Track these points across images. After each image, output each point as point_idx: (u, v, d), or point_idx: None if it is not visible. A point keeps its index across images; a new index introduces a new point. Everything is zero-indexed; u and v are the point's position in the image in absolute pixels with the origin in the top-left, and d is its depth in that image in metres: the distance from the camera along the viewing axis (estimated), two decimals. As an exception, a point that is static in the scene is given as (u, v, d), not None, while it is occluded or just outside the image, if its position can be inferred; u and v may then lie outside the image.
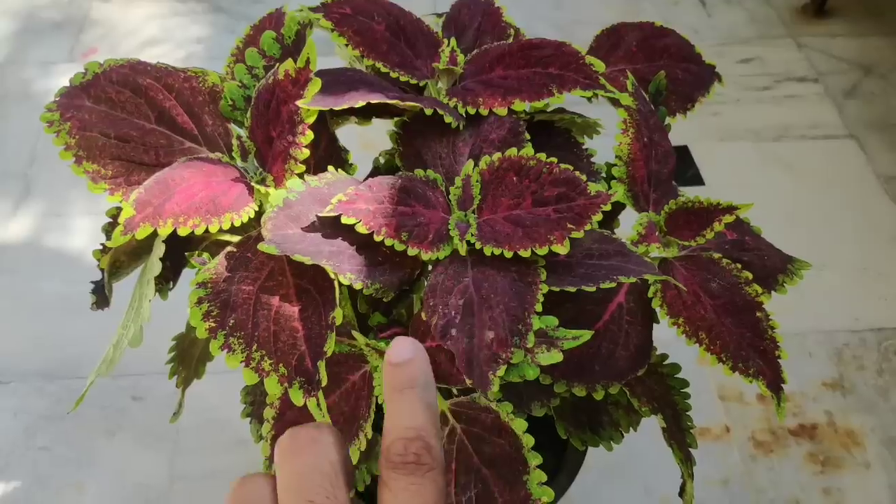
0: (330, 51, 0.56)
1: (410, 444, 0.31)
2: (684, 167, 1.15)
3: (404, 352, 0.34)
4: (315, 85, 0.40)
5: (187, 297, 0.54)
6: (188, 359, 0.58)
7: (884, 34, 1.38)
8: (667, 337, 0.52)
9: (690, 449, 0.53)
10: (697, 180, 1.14)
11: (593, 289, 0.41)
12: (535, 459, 0.41)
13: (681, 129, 0.53)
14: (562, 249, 0.40)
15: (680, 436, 0.52)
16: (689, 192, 0.53)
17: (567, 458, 0.64)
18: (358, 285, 0.40)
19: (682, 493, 0.53)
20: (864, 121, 1.23)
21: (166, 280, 0.48)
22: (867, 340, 0.98)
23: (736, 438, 0.88)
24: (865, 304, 1.01)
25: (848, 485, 0.85)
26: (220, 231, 0.42)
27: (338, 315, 0.39)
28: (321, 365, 0.38)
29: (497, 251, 0.41)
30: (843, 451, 0.88)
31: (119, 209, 0.48)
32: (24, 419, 0.90)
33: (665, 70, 0.55)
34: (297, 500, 0.31)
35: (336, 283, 0.39)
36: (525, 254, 0.40)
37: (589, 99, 0.56)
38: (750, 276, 0.49)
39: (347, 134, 0.55)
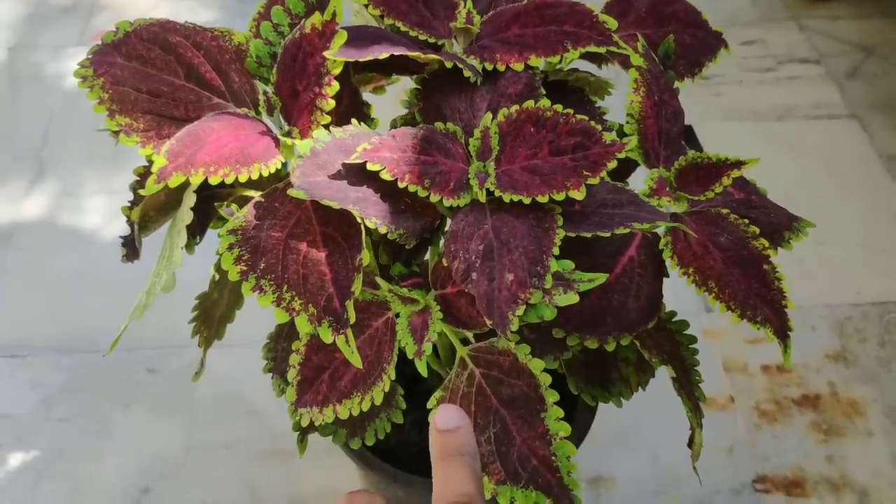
0: (345, 20, 0.58)
1: None
2: (689, 147, 1.16)
3: (452, 419, 0.38)
4: (341, 37, 0.42)
5: (199, 270, 0.56)
6: (210, 319, 0.60)
7: (885, 16, 1.40)
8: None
9: (699, 402, 0.55)
10: (701, 159, 1.16)
11: (608, 234, 0.42)
12: (552, 396, 0.42)
13: (685, 110, 0.55)
14: (578, 195, 0.42)
15: (689, 387, 0.54)
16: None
17: (577, 417, 0.66)
18: (383, 229, 0.41)
19: (690, 443, 0.54)
20: (865, 101, 1.25)
21: (192, 235, 0.50)
22: (869, 314, 0.99)
23: (741, 408, 0.90)
24: (867, 278, 1.03)
25: (850, 453, 0.87)
26: (248, 182, 0.44)
27: (365, 257, 0.40)
28: (349, 304, 0.40)
29: (515, 198, 0.42)
30: (846, 420, 0.90)
31: (146, 168, 0.49)
32: (42, 392, 0.92)
33: (673, 35, 0.56)
34: None
35: (362, 228, 0.41)
36: (543, 199, 0.42)
37: (599, 66, 0.58)
38: (757, 230, 0.50)
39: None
